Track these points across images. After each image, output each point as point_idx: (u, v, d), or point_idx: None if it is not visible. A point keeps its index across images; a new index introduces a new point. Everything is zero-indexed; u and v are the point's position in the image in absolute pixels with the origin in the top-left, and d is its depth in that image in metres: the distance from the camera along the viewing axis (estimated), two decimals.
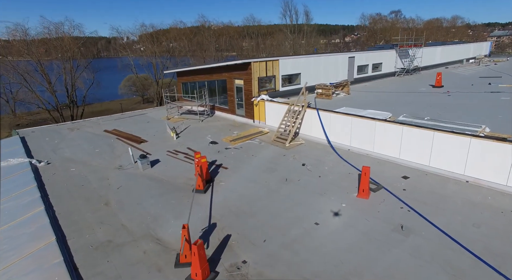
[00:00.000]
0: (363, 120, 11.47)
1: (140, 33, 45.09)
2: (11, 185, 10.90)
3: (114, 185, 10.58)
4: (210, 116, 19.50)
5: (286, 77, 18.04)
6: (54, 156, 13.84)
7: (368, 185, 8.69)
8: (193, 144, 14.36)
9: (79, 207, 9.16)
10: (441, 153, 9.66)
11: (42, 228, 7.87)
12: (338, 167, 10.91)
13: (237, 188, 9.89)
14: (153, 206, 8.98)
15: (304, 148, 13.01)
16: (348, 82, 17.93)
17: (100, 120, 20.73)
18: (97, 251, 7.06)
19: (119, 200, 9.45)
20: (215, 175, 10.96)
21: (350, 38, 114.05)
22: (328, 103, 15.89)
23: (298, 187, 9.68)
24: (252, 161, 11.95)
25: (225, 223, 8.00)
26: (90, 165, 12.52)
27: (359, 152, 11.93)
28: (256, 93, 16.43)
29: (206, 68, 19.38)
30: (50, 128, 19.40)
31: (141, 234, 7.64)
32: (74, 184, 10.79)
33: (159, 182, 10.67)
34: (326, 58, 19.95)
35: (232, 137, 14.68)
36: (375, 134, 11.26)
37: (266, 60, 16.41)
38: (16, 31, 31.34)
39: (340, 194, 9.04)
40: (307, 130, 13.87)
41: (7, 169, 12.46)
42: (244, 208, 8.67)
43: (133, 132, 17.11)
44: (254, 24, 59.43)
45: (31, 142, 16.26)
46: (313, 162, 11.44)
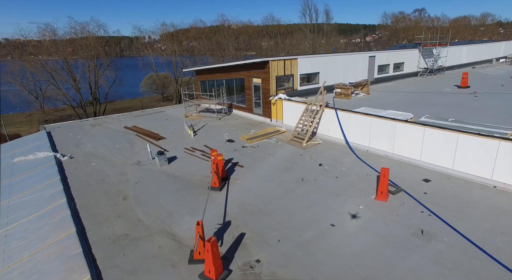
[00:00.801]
0: (383, 120, 11.15)
1: (161, 33, 46.04)
2: (37, 178, 11.35)
3: (132, 180, 10.80)
4: (228, 114, 19.58)
5: (304, 76, 17.84)
6: (77, 150, 14.30)
7: (387, 187, 8.44)
8: (210, 142, 14.45)
9: (99, 200, 9.41)
10: (466, 156, 9.23)
11: (64, 220, 8.13)
12: (356, 168, 10.67)
13: (253, 186, 9.85)
14: (169, 202, 9.09)
15: (321, 148, 12.81)
16: (368, 82, 17.51)
17: (121, 116, 21.25)
18: (114, 244, 7.21)
19: (137, 195, 9.63)
20: (231, 173, 10.97)
21: (371, 38, 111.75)
22: (347, 103, 15.57)
23: (314, 187, 9.54)
24: (268, 160, 11.88)
25: (239, 221, 7.98)
26: (110, 160, 12.84)
27: (378, 154, 11.61)
28: (273, 92, 16.33)
29: (224, 67, 19.47)
30: (74, 123, 20.07)
31: (157, 229, 7.75)
32: (95, 178, 11.10)
33: (175, 178, 10.80)
34: (345, 57, 19.58)
35: (249, 136, 14.66)
36: (395, 135, 10.92)
37: (284, 59, 16.28)
38: (46, 31, 32.73)
39: (357, 196, 8.82)
40: (325, 130, 13.65)
41: (34, 162, 12.99)
42: (259, 206, 8.62)
43: (152, 129, 17.42)
44: (274, 23, 59.34)
45: (56, 136, 16.88)
46: (330, 163, 11.24)
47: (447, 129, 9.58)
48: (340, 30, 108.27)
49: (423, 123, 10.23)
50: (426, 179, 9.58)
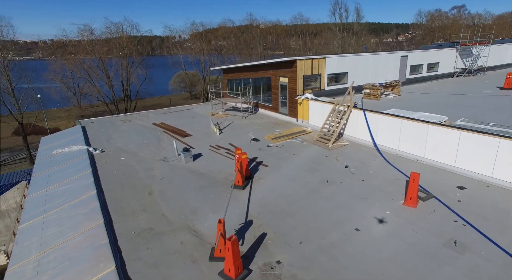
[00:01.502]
0: (414, 122, 10.63)
1: (191, 32, 46.99)
2: (71, 169, 11.95)
3: (158, 175, 11.06)
4: (254, 113, 19.58)
5: (332, 76, 17.45)
6: (108, 145, 14.90)
7: (417, 193, 8.02)
8: (235, 140, 14.51)
9: (126, 194, 9.72)
10: (509, 163, 8.57)
11: (94, 211, 8.48)
12: (384, 171, 10.25)
13: (277, 186, 9.75)
14: (193, 199, 9.20)
15: (348, 149, 12.45)
16: (399, 83, 16.79)
17: (150, 113, 21.91)
18: (138, 237, 7.40)
19: (162, 191, 9.85)
20: (255, 172, 10.94)
21: (403, 37, 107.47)
22: (376, 104, 15.03)
23: (339, 189, 9.27)
24: (293, 160, 11.72)
25: (262, 221, 7.92)
26: (138, 155, 13.25)
27: (408, 157, 11.09)
28: (300, 92, 16.11)
29: (251, 66, 19.49)
30: (106, 119, 20.96)
31: (180, 225, 7.86)
32: (123, 172, 11.49)
33: (200, 175, 10.93)
34: (375, 57, 18.91)
35: (274, 135, 14.56)
36: (427, 139, 10.37)
37: (312, 58, 16.00)
38: (85, 31, 34.57)
39: (384, 200, 8.46)
40: (352, 131, 13.25)
41: (70, 154, 13.70)
42: (282, 207, 8.51)
43: (178, 126, 17.79)
44: (302, 22, 58.64)
45: (90, 131, 17.70)
46: (356, 165, 10.89)
47: (486, 133, 8.95)
48: (371, 30, 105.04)
49: (459, 126, 9.62)
50: (460, 186, 9.00)
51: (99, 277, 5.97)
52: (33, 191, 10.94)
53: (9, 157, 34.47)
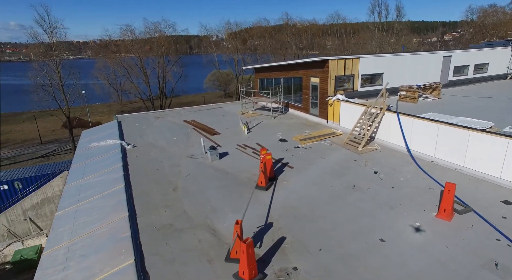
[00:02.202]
0: (453, 128, 9.80)
1: (225, 31, 47.59)
2: (105, 162, 12.55)
3: (184, 172, 11.26)
4: (284, 113, 19.34)
5: (366, 76, 16.70)
6: (140, 140, 15.49)
7: (452, 205, 7.37)
8: (262, 140, 14.39)
9: (151, 189, 10.00)
10: None
11: (120, 203, 8.81)
12: (417, 179, 9.57)
13: (300, 189, 9.50)
14: (215, 197, 9.23)
15: (379, 154, 11.82)
16: (439, 85, 15.65)
17: (182, 110, 22.49)
18: (159, 232, 7.56)
19: (185, 187, 10.00)
20: (280, 173, 10.75)
21: (450, 36, 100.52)
22: (412, 107, 14.13)
23: (366, 196, 8.81)
24: (319, 163, 11.37)
25: (282, 224, 7.74)
26: (166, 151, 13.61)
27: (445, 165, 10.26)
28: (331, 92, 15.61)
29: (283, 65, 19.26)
30: (141, 115, 21.86)
31: (199, 223, 7.91)
32: (151, 167, 11.85)
33: (224, 174, 10.96)
34: (414, 57, 17.79)
35: (303, 136, 14.25)
36: (467, 146, 9.52)
37: (345, 58, 15.42)
38: (126, 31, 36.46)
39: (414, 211, 7.89)
40: (385, 135, 12.57)
41: (105, 148, 14.42)
42: (304, 211, 8.26)
43: (208, 124, 18.05)
44: (339, 21, 56.92)
45: (125, 126, 18.54)
46: (387, 171, 10.29)
47: None
48: (414, 28, 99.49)
49: (507, 134, 8.71)
50: (506, 201, 8.14)
51: (119, 269, 6.16)
52: (71, 181, 11.65)
53: (57, 147, 37.26)
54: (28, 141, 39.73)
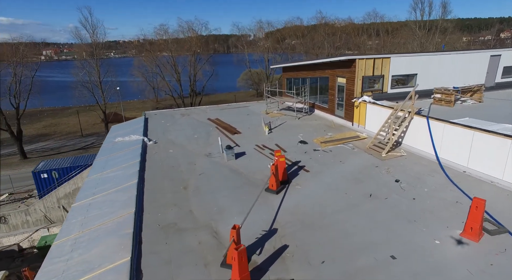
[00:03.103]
0: (491, 136, 8.72)
1: (256, 30, 47.36)
2: (124, 157, 12.90)
3: (198, 171, 11.21)
4: (309, 114, 18.73)
5: (398, 77, 15.60)
6: (162, 136, 15.77)
7: (481, 223, 6.50)
8: (283, 141, 13.98)
9: (164, 186, 10.04)
10: None
11: (130, 199, 8.92)
12: (443, 191, 8.65)
13: (313, 194, 9.01)
14: (224, 198, 9.04)
15: (404, 161, 10.91)
16: (481, 87, 14.15)
17: (208, 109, 22.67)
18: (162, 231, 7.51)
19: (197, 186, 9.92)
20: (294, 176, 10.31)
21: (508, 34, 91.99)
22: (447, 112, 12.90)
23: (383, 206, 8.12)
24: (338, 168, 10.75)
25: (287, 230, 7.34)
26: (185, 149, 13.69)
27: (480, 177, 9.18)
28: (358, 94, 14.78)
29: (309, 64, 18.64)
30: (168, 112, 22.37)
31: (203, 224, 7.76)
32: (167, 164, 11.95)
33: (238, 174, 10.74)
34: (454, 57, 16.28)
35: (324, 139, 13.63)
36: (508, 157, 8.42)
37: (374, 58, 14.50)
38: (160, 30, 37.77)
39: (436, 226, 7.09)
40: (412, 140, 11.60)
41: (127, 143, 14.86)
42: (313, 218, 7.79)
43: (232, 122, 17.97)
44: (376, 20, 54.27)
45: (151, 122, 19.05)
46: (410, 180, 9.44)
47: None
48: (464, 27, 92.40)
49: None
50: None
51: (114, 266, 6.16)
52: (92, 174, 12.09)
53: (95, 140, 39.57)
54: (71, 134, 42.64)
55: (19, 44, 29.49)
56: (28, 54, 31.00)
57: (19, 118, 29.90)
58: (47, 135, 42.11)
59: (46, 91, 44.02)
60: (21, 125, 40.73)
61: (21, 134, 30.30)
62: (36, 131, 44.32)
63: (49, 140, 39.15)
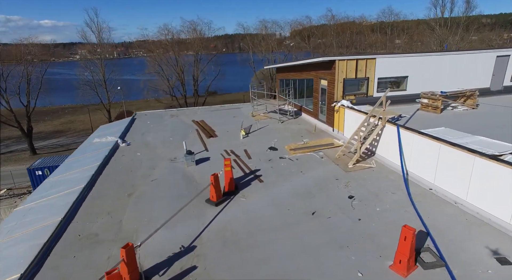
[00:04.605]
0: (455, 150, 7.59)
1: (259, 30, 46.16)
2: (89, 160, 12.74)
3: (153, 176, 10.82)
4: (294, 117, 17.85)
5: (386, 80, 14.38)
6: (140, 138, 15.58)
7: (410, 256, 5.55)
8: (254, 146, 13.30)
9: (109, 192, 9.72)
10: None
11: (65, 205, 8.63)
12: (397, 212, 7.65)
13: (253, 209, 8.31)
14: (162, 208, 8.56)
15: (370, 174, 9.90)
16: (474, 92, 12.64)
17: (199, 110, 22.35)
18: (78, 242, 7.14)
19: (142, 194, 9.52)
20: (245, 187, 9.64)
21: None
22: (432, 119, 11.66)
23: (322, 227, 7.28)
24: (295, 179, 9.94)
25: (206, 249, 6.73)
26: (154, 152, 13.37)
27: (445, 197, 8.05)
28: (339, 97, 13.77)
29: (297, 65, 17.74)
30: (158, 112, 22.27)
31: (125, 236, 7.32)
32: (127, 168, 11.66)
33: (190, 182, 10.23)
34: (455, 58, 14.78)
35: (295, 146, 12.80)
36: (471, 176, 7.28)
37: (356, 58, 13.42)
38: (163, 30, 38.06)
39: (368, 255, 6.19)
40: (385, 151, 10.55)
41: (101, 144, 14.78)
42: (240, 237, 7.12)
43: (215, 124, 17.52)
44: (391, 18, 51.38)
45: (137, 123, 18.99)
46: (366, 197, 8.47)
47: None
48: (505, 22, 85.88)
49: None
50: (503, 258, 5.93)
51: None
52: (53, 176, 12.07)
53: None
54: (84, 131, 44.07)
55: (29, 45, 30.82)
56: (38, 53, 32.32)
57: (29, 116, 31.17)
58: (62, 132, 43.85)
59: (71, 88, 45.41)
60: (42, 122, 42.53)
61: (31, 131, 31.59)
62: (53, 128, 46.29)
63: (62, 137, 40.71)
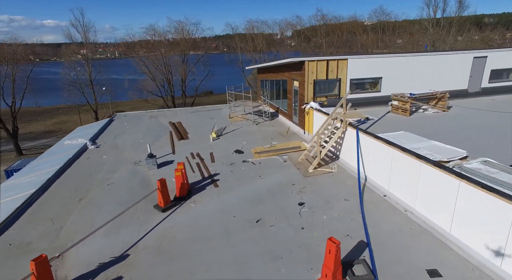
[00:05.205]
0: (405, 156, 7.28)
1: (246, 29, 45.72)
2: (54, 162, 12.48)
3: (111, 180, 10.56)
4: (270, 119, 17.55)
5: (359, 81, 14.06)
6: (111, 140, 15.33)
7: (335, 269, 5.25)
8: (222, 149, 13.02)
9: (60, 197, 9.46)
10: None
11: (7, 212, 8.38)
12: (343, 220, 7.34)
13: (199, 216, 8.03)
14: (107, 214, 8.27)
15: (329, 179, 9.59)
16: (445, 94, 12.29)
17: (179, 111, 22.08)
18: (7, 252, 6.87)
19: (92, 199, 9.25)
20: (199, 192, 9.36)
21: None
22: (400, 122, 11.33)
23: (262, 236, 6.98)
24: (251, 184, 9.64)
25: (138, 258, 6.46)
26: (121, 155, 13.12)
27: (397, 204, 7.73)
28: (310, 99, 13.47)
29: (273, 66, 17.45)
30: (138, 114, 22.02)
31: (60, 244, 7.05)
32: (87, 172, 11.40)
33: (145, 187, 9.96)
34: (428, 59, 14.42)
35: (263, 149, 12.51)
36: (419, 183, 6.98)
37: (327, 59, 13.11)
38: (150, 30, 37.84)
39: (299, 267, 5.89)
40: (348, 155, 10.24)
41: (69, 147, 14.54)
42: (175, 245, 6.84)
43: (190, 126, 17.27)
44: (383, 18, 50.84)
45: (113, 124, 18.75)
46: (318, 204, 8.17)
47: (498, 192, 5.30)
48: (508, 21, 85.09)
49: (457, 172, 6.03)
50: (434, 270, 5.61)
51: None
52: (12, 179, 11.83)
53: None
54: None
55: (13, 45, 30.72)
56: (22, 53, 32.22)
57: (14, 116, 31.01)
58: (53, 132, 43.63)
59: (59, 88, 45.30)
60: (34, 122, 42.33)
61: (17, 132, 31.46)
62: (44, 128, 46.15)
63: (52, 137, 40.48)
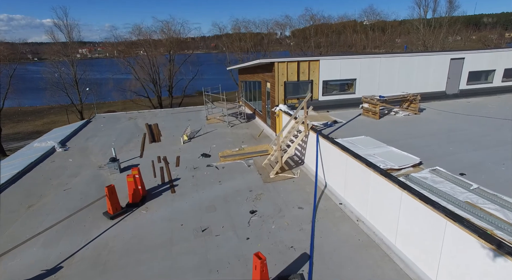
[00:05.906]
0: (357, 163, 6.99)
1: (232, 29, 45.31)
2: (16, 165, 12.14)
3: (69, 185, 10.25)
4: (246, 121, 17.26)
5: (332, 83, 13.78)
6: (82, 143, 15.00)
7: None
8: (190, 153, 12.72)
9: (11, 203, 9.14)
10: (467, 266, 4.57)
11: None
12: (292, 230, 7.05)
13: (146, 224, 7.72)
14: (53, 221, 7.97)
15: (289, 185, 9.30)
16: (416, 97, 12.01)
17: (159, 112, 21.75)
18: None
19: (43, 205, 8.94)
20: (154, 198, 9.06)
21: None
22: (368, 125, 11.05)
23: (203, 246, 6.69)
24: (208, 190, 9.34)
25: (71, 272, 6.16)
26: (87, 159, 12.80)
27: (350, 213, 7.45)
28: (281, 101, 13.18)
29: (250, 67, 17.12)
30: (117, 115, 21.69)
31: None
32: (50, 176, 11.08)
33: (102, 193, 9.61)
34: (404, 60, 14.16)
35: (229, 152, 12.21)
36: (369, 192, 6.70)
37: (298, 60, 12.82)
38: (136, 30, 37.48)
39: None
40: (311, 160, 9.95)
41: (37, 149, 14.21)
42: (113, 256, 6.54)
43: (166, 128, 16.97)
44: (373, 17, 50.56)
45: (89, 126, 18.41)
46: (270, 212, 7.88)
47: (431, 204, 5.01)
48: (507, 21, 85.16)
49: (402, 182, 5.75)
50: None
51: None
52: None
53: None
54: None
55: None
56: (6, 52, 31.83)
57: None
58: (42, 133, 42.97)
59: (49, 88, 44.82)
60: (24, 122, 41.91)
61: (0, 132, 31.08)
62: (33, 128, 45.61)
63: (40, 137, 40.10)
